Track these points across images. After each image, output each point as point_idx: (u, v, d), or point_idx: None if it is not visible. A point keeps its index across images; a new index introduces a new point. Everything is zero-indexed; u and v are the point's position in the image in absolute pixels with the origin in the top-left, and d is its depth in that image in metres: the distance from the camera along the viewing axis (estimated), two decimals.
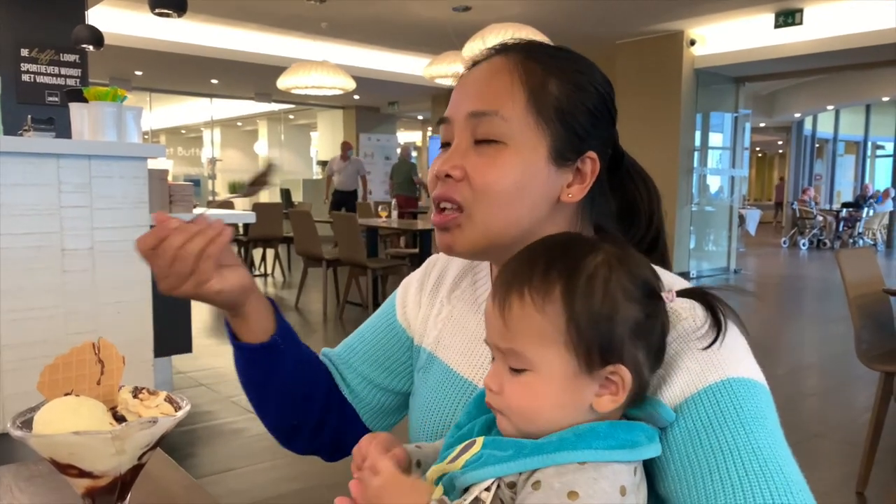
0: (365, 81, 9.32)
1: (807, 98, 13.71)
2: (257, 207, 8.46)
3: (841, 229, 13.20)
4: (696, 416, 0.62)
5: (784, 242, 13.60)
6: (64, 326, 2.63)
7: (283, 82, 7.51)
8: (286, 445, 0.95)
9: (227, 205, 8.63)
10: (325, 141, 15.06)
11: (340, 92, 7.94)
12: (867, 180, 16.39)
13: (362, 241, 5.67)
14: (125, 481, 0.61)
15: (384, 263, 5.93)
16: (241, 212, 4.01)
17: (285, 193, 13.64)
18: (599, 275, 0.59)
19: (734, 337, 0.67)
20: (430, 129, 15.47)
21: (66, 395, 0.62)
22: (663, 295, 0.62)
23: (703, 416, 0.62)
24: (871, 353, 2.84)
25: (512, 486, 0.57)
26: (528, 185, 0.73)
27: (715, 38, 8.12)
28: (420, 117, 15.63)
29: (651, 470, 0.65)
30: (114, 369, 0.63)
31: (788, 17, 7.25)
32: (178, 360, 3.99)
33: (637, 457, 0.58)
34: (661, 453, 0.63)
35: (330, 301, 6.37)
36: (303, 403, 0.91)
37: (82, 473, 0.58)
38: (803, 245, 13.09)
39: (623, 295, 0.59)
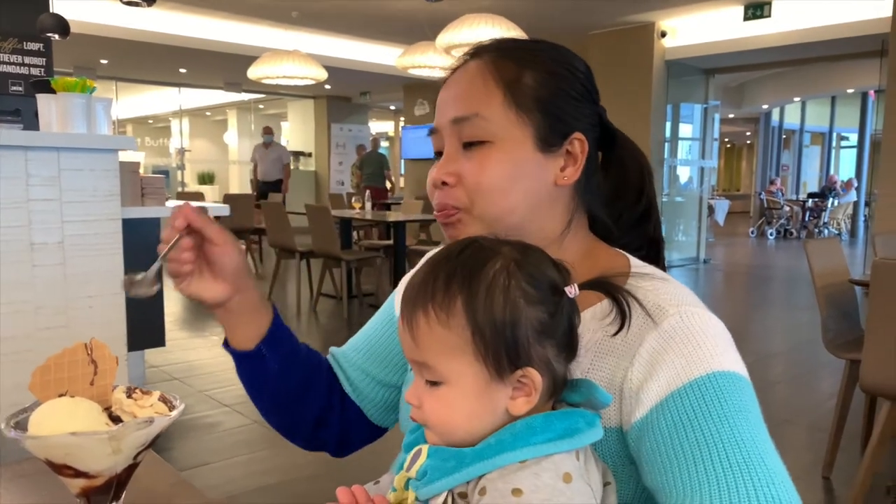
0: (336, 71, 9.24)
1: (774, 90, 13.92)
2: (228, 199, 8.38)
3: (807, 219, 13.47)
4: (681, 409, 0.63)
5: (752, 232, 13.83)
6: (34, 321, 2.58)
7: (253, 72, 7.42)
8: (290, 440, 0.97)
9: (197, 197, 8.55)
10: (295, 131, 14.92)
11: (312, 82, 7.86)
12: (832, 171, 16.74)
13: (336, 232, 5.64)
14: (120, 480, 0.61)
15: (358, 255, 5.91)
16: (214, 204, 3.96)
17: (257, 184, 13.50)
18: (498, 283, 0.60)
19: (718, 330, 0.69)
20: (402, 119, 15.43)
21: (61, 395, 0.62)
22: (566, 290, 0.62)
23: (689, 410, 0.63)
24: (836, 342, 2.91)
25: (463, 495, 0.59)
26: (519, 176, 0.75)
27: (685, 30, 8.21)
28: (392, 107, 15.56)
29: (639, 463, 0.66)
30: (107, 369, 0.63)
31: (757, 10, 7.35)
32: (151, 355, 3.94)
33: (576, 445, 0.58)
34: (648, 446, 0.64)
35: (304, 293, 6.33)
36: (296, 405, 0.92)
37: (78, 474, 0.59)
38: (770, 235, 13.32)
39: (524, 299, 0.60)
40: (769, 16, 7.36)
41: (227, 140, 17.16)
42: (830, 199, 13.21)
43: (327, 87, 11.74)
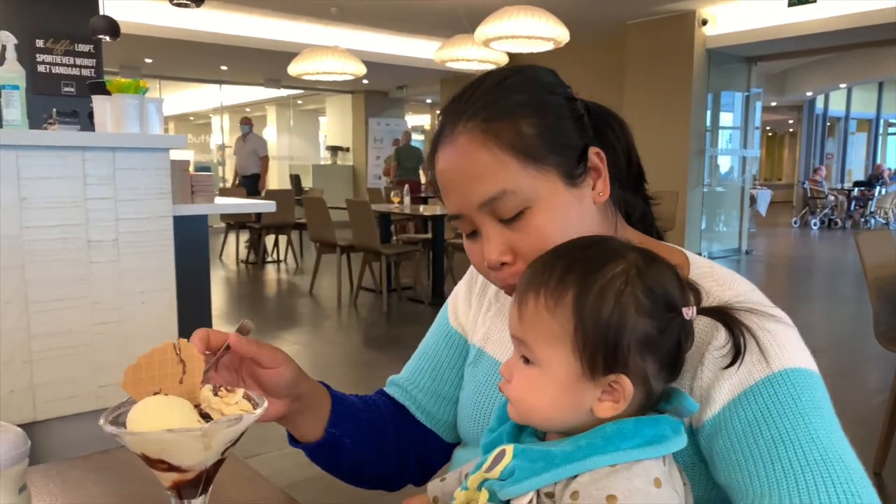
0: (374, 66, 9.30)
1: (819, 76, 13.58)
2: (270, 195, 8.51)
3: (853, 209, 13.13)
4: (755, 407, 0.64)
5: (795, 223, 13.55)
6: (90, 316, 2.68)
7: (294, 68, 7.51)
8: (385, 490, 0.99)
9: (238, 193, 8.69)
10: (333, 126, 15.06)
11: (351, 77, 7.93)
12: (879, 159, 16.26)
13: (376, 227, 5.70)
14: (209, 474, 0.64)
15: (398, 249, 5.96)
16: (258, 201, 4.05)
17: (295, 179, 13.67)
18: (614, 286, 0.60)
19: (786, 328, 0.69)
20: (437, 112, 15.40)
21: (155, 394, 0.65)
22: (684, 311, 0.61)
23: (763, 407, 0.64)
24: (888, 335, 2.86)
25: (550, 495, 0.59)
26: (568, 219, 0.73)
27: (727, 18, 8.06)
28: (429, 101, 15.58)
29: (710, 460, 0.67)
30: (195, 368, 0.66)
31: None
32: None
33: (664, 452, 0.59)
34: (722, 444, 0.65)
35: (344, 287, 6.41)
36: (378, 461, 0.93)
37: (171, 468, 0.62)
38: (814, 225, 13.03)
39: (635, 308, 0.60)
40: (814, 1, 7.19)
41: (266, 136, 17.39)
42: (878, 188, 12.85)
43: (365, 81, 11.81)
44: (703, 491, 0.69)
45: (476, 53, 7.17)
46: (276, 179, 16.00)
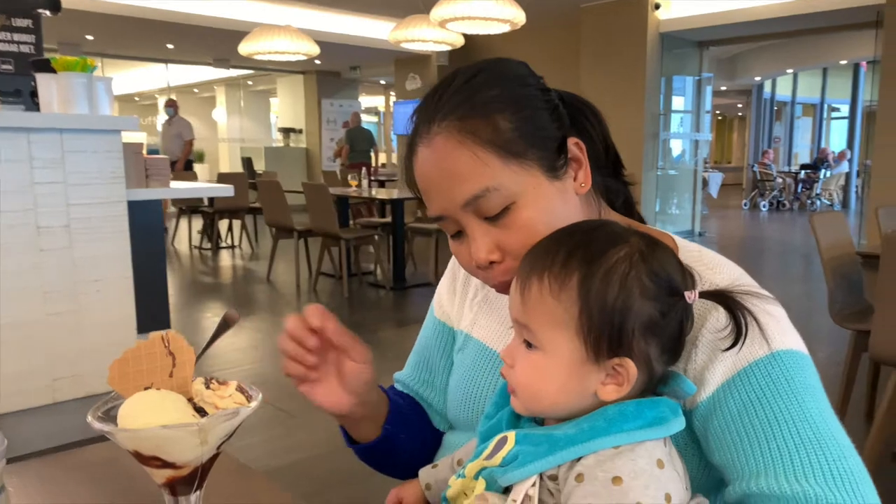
0: (327, 46, 9.12)
1: (767, 61, 13.89)
2: (223, 178, 8.31)
3: (800, 191, 13.54)
4: (749, 388, 0.65)
5: (745, 205, 13.89)
6: (42, 307, 2.56)
7: (245, 48, 7.30)
8: None
9: (189, 176, 8.46)
10: (285, 107, 14.78)
11: (304, 57, 7.76)
12: (823, 142, 16.79)
13: (335, 211, 5.61)
14: (204, 470, 0.62)
15: (357, 234, 5.89)
16: (216, 185, 3.92)
17: (247, 162, 13.39)
18: (618, 269, 0.61)
19: (777, 309, 0.70)
20: (392, 93, 15.28)
21: (146, 388, 0.62)
22: (686, 294, 0.62)
23: (756, 388, 0.65)
24: (843, 313, 2.94)
25: (553, 478, 0.60)
26: (553, 213, 0.72)
27: (680, 2, 8.15)
28: (383, 82, 15.41)
29: (704, 441, 0.68)
30: (185, 361, 0.63)
31: None
32: None
33: (665, 433, 0.60)
34: (717, 424, 0.66)
35: (302, 272, 6.32)
36: (424, 453, 0.93)
37: (165, 464, 0.59)
38: (763, 207, 13.39)
39: (640, 291, 0.60)
40: None
41: (215, 117, 16.99)
42: (823, 171, 13.26)
43: (317, 62, 11.61)
44: (696, 471, 0.70)
45: (431, 34, 7.09)
46: (228, 162, 15.67)
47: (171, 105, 9.51)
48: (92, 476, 0.86)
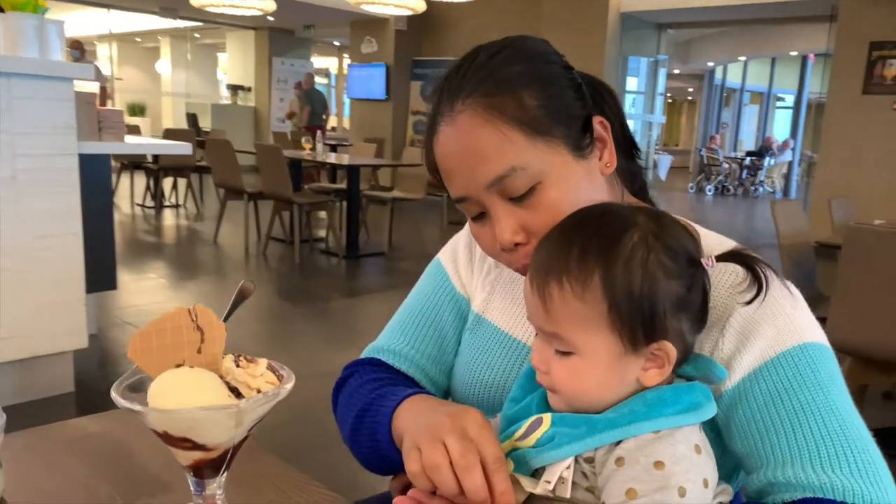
0: (283, 2, 8.83)
1: (720, 48, 14.13)
2: (169, 134, 8.00)
3: (744, 177, 13.90)
4: (776, 378, 0.66)
5: (691, 188, 14.21)
6: None
7: None
8: None
9: (132, 130, 8.10)
10: (234, 63, 14.28)
11: (259, 12, 7.52)
12: (768, 131, 17.26)
13: (288, 174, 5.45)
14: (234, 452, 0.59)
15: (312, 199, 5.76)
16: (174, 142, 3.74)
17: (192, 118, 12.95)
18: (637, 256, 0.60)
19: (801, 303, 0.71)
20: (346, 56, 14.97)
21: (178, 365, 0.57)
22: (703, 262, 0.62)
23: (784, 379, 0.65)
24: None
25: (589, 460, 0.59)
26: (580, 192, 0.71)
27: None
28: (337, 43, 15.06)
29: (726, 429, 0.68)
30: (215, 337, 0.58)
31: None
32: (98, 298, 3.76)
33: (702, 418, 0.60)
34: (742, 413, 0.66)
35: (251, 236, 6.16)
36: None
37: (196, 446, 0.55)
38: (709, 191, 13.72)
39: (663, 273, 0.60)
40: None
41: (159, 70, 16.34)
42: (767, 159, 13.65)
43: (270, 18, 11.24)
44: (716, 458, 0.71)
45: None
46: (172, 118, 15.12)
47: (77, 47, 8.39)
48: (87, 451, 0.80)
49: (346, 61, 13.27)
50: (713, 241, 0.75)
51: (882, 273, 2.20)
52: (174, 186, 8.37)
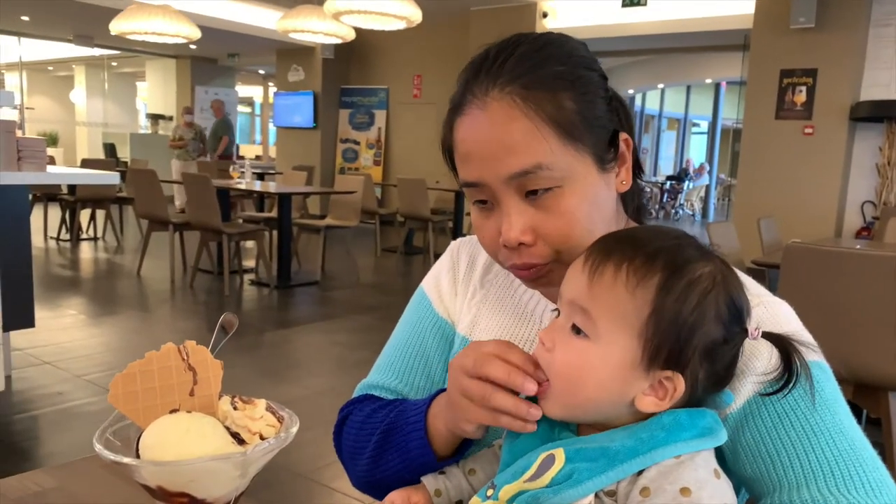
0: (205, 31, 8.64)
1: (641, 75, 14.67)
2: (87, 164, 7.67)
3: (665, 200, 14.40)
4: (783, 400, 0.64)
5: None
6: None
7: (117, 26, 6.76)
8: None
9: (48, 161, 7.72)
10: (155, 92, 13.89)
11: (183, 41, 7.31)
12: (686, 155, 18.03)
13: (217, 204, 5.28)
14: None
15: (241, 228, 5.59)
16: (101, 172, 3.55)
17: (109, 148, 12.50)
18: (701, 284, 0.59)
19: (797, 320, 0.71)
20: (271, 83, 14.76)
21: (173, 411, 0.50)
22: (749, 329, 0.61)
23: (791, 400, 0.64)
24: None
25: (611, 493, 0.56)
26: (597, 206, 0.71)
27: (567, 12, 8.41)
28: (262, 71, 14.88)
29: (735, 453, 0.66)
30: (210, 377, 0.52)
31: None
32: (15, 337, 3.51)
33: (716, 443, 0.58)
34: (750, 436, 0.65)
35: (177, 268, 5.92)
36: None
37: (193, 501, 0.49)
38: None
39: (714, 313, 0.59)
40: (644, 4, 7.69)
41: (73, 99, 15.72)
42: (686, 182, 14.19)
43: (192, 46, 11.00)
44: None
45: (322, 26, 6.88)
46: (87, 148, 14.53)
47: None
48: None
49: (272, 89, 13.10)
50: (769, 307, 0.71)
51: (820, 291, 2.27)
52: (92, 218, 8.00)
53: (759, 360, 0.66)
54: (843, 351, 2.24)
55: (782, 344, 0.62)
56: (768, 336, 0.62)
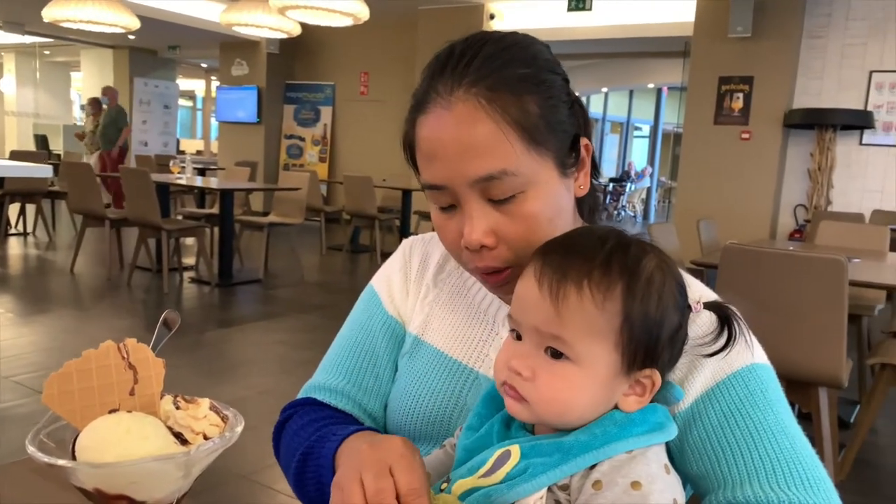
0: (145, 21, 8.40)
1: (584, 79, 14.88)
2: (17, 156, 7.36)
3: (608, 202, 14.69)
4: (728, 399, 0.67)
5: None
6: None
7: (50, 13, 6.51)
8: None
9: None
10: (90, 83, 13.40)
11: (121, 30, 7.09)
12: (628, 158, 18.44)
13: (156, 200, 5.13)
14: None
15: (182, 225, 5.45)
16: (32, 164, 3.39)
17: (41, 140, 12.03)
18: (656, 279, 0.60)
19: (745, 323, 0.70)
20: (214, 77, 14.45)
21: (112, 411, 0.48)
22: (693, 305, 0.64)
23: (736, 400, 0.67)
24: None
25: (564, 487, 0.57)
26: (557, 209, 0.71)
27: (513, 15, 8.48)
28: (204, 65, 14.54)
29: (682, 450, 0.68)
30: (151, 376, 0.50)
31: (580, 2, 7.77)
32: None
33: (667, 437, 0.60)
34: (697, 435, 0.67)
35: (113, 266, 5.73)
36: None
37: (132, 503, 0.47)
38: None
39: (672, 303, 0.61)
40: (590, 9, 7.82)
41: (2, 87, 15.06)
42: (628, 185, 14.51)
43: (131, 37, 10.66)
44: None
45: (267, 20, 6.78)
46: (16, 139, 13.95)
47: None
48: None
49: (215, 83, 12.82)
50: (695, 287, 0.74)
51: (756, 290, 2.34)
52: (21, 213, 7.68)
53: (699, 328, 0.69)
54: (777, 348, 2.31)
55: (721, 310, 0.65)
56: (708, 305, 0.65)
